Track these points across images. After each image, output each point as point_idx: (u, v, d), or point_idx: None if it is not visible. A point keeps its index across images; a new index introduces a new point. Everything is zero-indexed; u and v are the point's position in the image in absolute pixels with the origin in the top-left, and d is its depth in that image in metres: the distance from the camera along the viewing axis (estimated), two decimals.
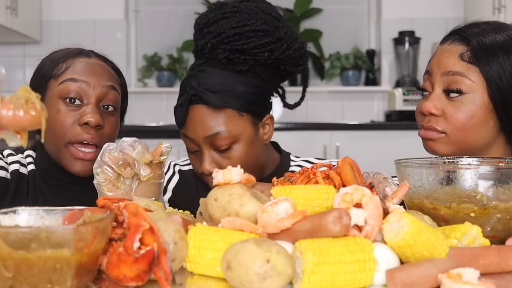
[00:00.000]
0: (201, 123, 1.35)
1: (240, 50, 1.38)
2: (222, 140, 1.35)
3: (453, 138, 1.27)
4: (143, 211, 0.76)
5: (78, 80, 1.33)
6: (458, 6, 4.09)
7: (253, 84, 1.39)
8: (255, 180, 0.88)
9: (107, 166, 1.09)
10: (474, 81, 1.25)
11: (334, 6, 4.30)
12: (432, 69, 1.32)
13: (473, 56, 1.25)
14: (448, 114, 1.27)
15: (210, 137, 1.35)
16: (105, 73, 1.39)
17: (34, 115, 0.75)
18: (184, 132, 1.39)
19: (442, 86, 1.29)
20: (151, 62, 4.23)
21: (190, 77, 1.40)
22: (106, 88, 1.36)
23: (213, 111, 1.35)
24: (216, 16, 1.42)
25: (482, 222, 0.93)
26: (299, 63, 1.48)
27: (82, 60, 1.38)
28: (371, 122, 4.00)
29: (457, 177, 0.96)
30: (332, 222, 0.74)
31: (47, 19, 4.13)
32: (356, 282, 0.73)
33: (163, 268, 0.72)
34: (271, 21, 1.43)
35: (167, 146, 1.14)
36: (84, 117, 1.31)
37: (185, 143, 1.41)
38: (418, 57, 4.05)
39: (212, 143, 1.35)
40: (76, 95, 1.33)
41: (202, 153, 1.37)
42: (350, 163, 0.95)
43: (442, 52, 1.32)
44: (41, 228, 0.68)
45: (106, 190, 1.10)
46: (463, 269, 0.71)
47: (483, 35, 1.27)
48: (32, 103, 0.75)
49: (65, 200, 1.33)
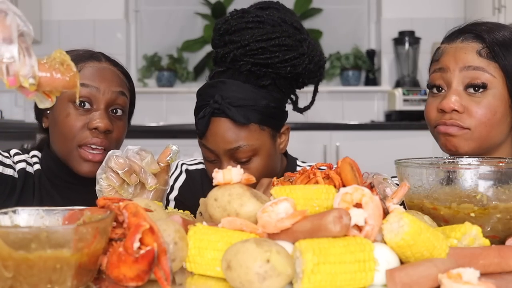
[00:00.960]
0: (223, 136, 1.37)
1: (264, 64, 1.39)
2: (243, 153, 1.37)
3: (477, 134, 1.25)
4: (143, 211, 0.76)
5: (89, 86, 1.35)
6: (458, 6, 4.10)
7: (274, 98, 1.41)
8: (255, 180, 0.88)
9: (112, 173, 1.09)
10: (495, 76, 1.24)
11: (334, 6, 4.30)
12: (448, 65, 1.28)
13: (490, 52, 1.24)
14: (471, 110, 1.25)
15: (231, 150, 1.36)
16: (115, 78, 1.41)
17: (70, 76, 0.78)
18: (204, 142, 1.40)
19: (462, 82, 1.26)
20: (151, 62, 4.23)
21: (211, 87, 1.41)
22: (115, 94, 1.38)
23: (235, 126, 1.36)
24: (238, 25, 1.42)
25: (482, 222, 0.93)
26: (317, 75, 1.50)
27: (93, 64, 1.39)
28: (371, 122, 4.00)
29: (457, 177, 0.96)
30: (332, 222, 0.74)
31: (47, 19, 4.13)
32: (356, 282, 0.73)
33: (163, 268, 0.72)
34: (294, 35, 1.43)
35: (175, 149, 1.14)
36: (94, 122, 1.33)
37: (203, 152, 1.42)
38: (418, 57, 4.05)
39: (232, 155, 1.37)
40: (86, 99, 1.35)
41: (221, 164, 1.38)
42: (350, 163, 0.95)
43: (456, 50, 1.29)
44: (41, 228, 0.68)
45: None
46: (463, 269, 0.71)
47: (493, 32, 1.26)
48: (68, 65, 0.78)
49: (70, 200, 1.34)
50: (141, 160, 1.10)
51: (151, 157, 1.11)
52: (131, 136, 3.74)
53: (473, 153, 1.25)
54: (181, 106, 4.23)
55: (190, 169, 1.55)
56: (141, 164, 1.09)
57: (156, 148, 1.34)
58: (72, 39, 4.10)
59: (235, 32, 1.42)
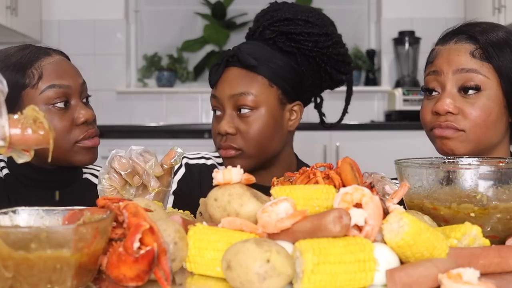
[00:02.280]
0: (230, 82, 1.42)
1: (287, 33, 1.45)
2: (245, 101, 1.40)
3: (472, 135, 1.25)
4: (143, 211, 0.76)
5: (60, 86, 1.35)
6: (458, 6, 4.09)
7: (291, 67, 1.46)
8: (254, 180, 0.88)
9: (114, 173, 1.08)
10: (488, 77, 1.24)
11: (334, 6, 4.30)
12: (442, 68, 1.28)
13: (484, 53, 1.24)
14: (466, 111, 1.25)
15: (235, 96, 1.40)
16: (73, 69, 1.41)
17: (42, 134, 0.76)
18: (214, 92, 1.45)
19: (456, 85, 1.26)
20: (151, 62, 4.23)
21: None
22: (82, 86, 1.40)
23: (245, 74, 1.41)
24: (279, 12, 1.51)
25: (482, 222, 0.93)
26: (341, 70, 1.55)
27: (48, 60, 1.37)
28: (371, 122, 4.00)
29: (457, 177, 0.96)
30: (332, 222, 0.74)
31: (47, 19, 4.13)
32: (356, 282, 0.73)
33: (163, 268, 0.72)
34: (324, 19, 1.51)
35: (180, 151, 1.13)
36: (80, 116, 1.35)
37: (211, 104, 1.46)
38: (418, 57, 4.05)
39: (235, 103, 1.41)
40: (65, 98, 1.35)
41: (223, 113, 1.42)
42: (350, 163, 0.95)
43: (450, 51, 1.29)
44: (41, 228, 0.68)
45: None
46: (463, 269, 0.71)
47: (487, 32, 1.26)
48: (40, 123, 0.76)
49: (44, 199, 1.31)
50: (145, 163, 1.09)
51: (155, 160, 1.10)
52: (131, 136, 3.73)
53: (469, 155, 1.25)
54: (181, 106, 4.23)
55: (190, 163, 1.55)
56: (144, 166, 1.09)
57: (156, 148, 1.35)
58: (72, 39, 4.10)
59: (270, 13, 1.51)
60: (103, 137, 4.18)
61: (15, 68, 1.34)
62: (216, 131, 1.44)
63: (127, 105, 4.20)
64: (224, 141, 1.42)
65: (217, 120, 1.45)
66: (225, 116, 1.42)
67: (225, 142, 1.42)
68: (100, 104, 4.03)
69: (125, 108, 4.19)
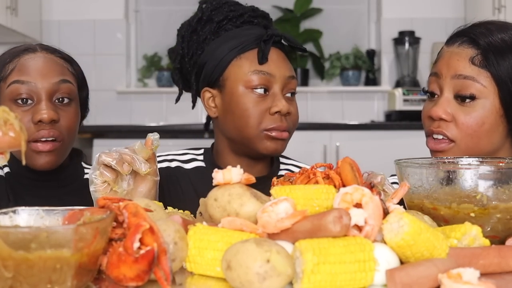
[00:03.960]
0: (284, 62, 1.43)
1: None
2: (294, 85, 1.43)
3: (463, 146, 1.25)
4: (143, 211, 0.76)
5: (25, 82, 1.32)
6: (458, 6, 4.09)
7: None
8: (254, 180, 0.88)
9: (104, 168, 1.09)
10: (485, 86, 1.23)
11: (334, 6, 4.30)
12: (441, 71, 1.28)
13: (484, 60, 1.23)
14: (459, 120, 1.24)
15: (289, 78, 1.42)
16: (53, 66, 1.36)
17: (13, 136, 0.74)
18: (264, 69, 1.40)
19: (452, 90, 1.26)
20: (151, 62, 4.23)
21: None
22: (56, 85, 1.35)
23: (287, 58, 1.45)
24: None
25: (482, 222, 0.93)
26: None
27: (28, 57, 1.36)
28: (371, 122, 4.00)
29: (457, 177, 0.96)
30: (332, 222, 0.74)
31: (47, 19, 4.13)
32: (356, 282, 0.73)
33: (163, 268, 0.72)
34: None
35: (156, 137, 1.14)
36: (37, 114, 1.31)
37: (257, 81, 1.39)
38: (418, 57, 4.05)
39: (286, 85, 1.41)
40: (26, 95, 1.33)
41: (274, 95, 1.39)
42: (350, 163, 0.95)
43: (451, 55, 1.28)
44: (41, 228, 0.68)
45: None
46: (463, 269, 0.71)
47: (491, 36, 1.24)
48: (10, 124, 0.74)
49: (41, 199, 1.31)
50: (131, 150, 1.10)
51: (140, 143, 1.12)
52: (131, 136, 3.74)
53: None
54: (181, 106, 4.21)
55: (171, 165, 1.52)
56: (131, 153, 1.09)
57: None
58: (72, 39, 4.10)
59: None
60: (103, 137, 4.16)
61: (0, 62, 1.36)
62: (276, 109, 1.39)
63: (127, 105, 4.20)
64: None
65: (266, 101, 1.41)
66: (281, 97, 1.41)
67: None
68: (100, 104, 4.04)
69: (125, 108, 4.19)
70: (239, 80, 1.39)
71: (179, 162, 1.51)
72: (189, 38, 1.50)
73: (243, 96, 1.39)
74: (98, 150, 3.47)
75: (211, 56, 1.43)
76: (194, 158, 1.53)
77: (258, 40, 1.40)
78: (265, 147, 1.38)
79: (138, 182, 1.13)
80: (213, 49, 1.44)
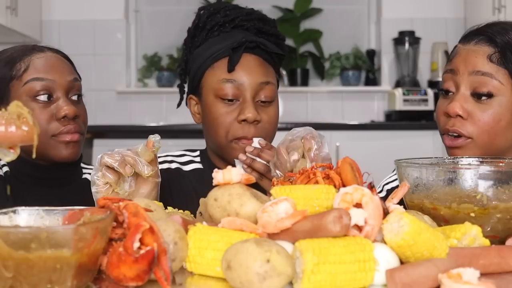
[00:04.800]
0: (255, 69, 1.40)
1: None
2: (269, 92, 1.40)
3: (480, 142, 1.25)
4: (143, 211, 0.76)
5: (44, 79, 1.35)
6: (458, 6, 4.09)
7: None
8: (254, 180, 0.88)
9: (106, 169, 1.09)
10: (503, 83, 1.24)
11: (334, 6, 4.30)
12: (458, 68, 1.28)
13: (502, 58, 1.23)
14: (475, 117, 1.25)
15: (262, 85, 1.39)
16: (64, 65, 1.41)
17: (26, 130, 0.74)
18: (232, 77, 1.38)
19: (469, 87, 1.26)
20: (151, 62, 4.23)
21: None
22: (71, 82, 1.39)
23: (264, 63, 1.42)
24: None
25: (482, 222, 0.93)
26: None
27: (39, 56, 1.39)
28: (371, 122, 4.00)
29: (457, 177, 0.96)
30: (332, 222, 0.74)
31: (47, 19, 4.13)
32: (356, 282, 0.73)
33: (163, 268, 0.72)
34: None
35: (157, 138, 1.15)
36: (61, 111, 1.35)
37: (226, 90, 1.38)
38: (418, 57, 4.05)
39: (258, 92, 1.39)
40: (46, 92, 1.35)
41: (244, 103, 1.37)
42: (350, 163, 0.95)
43: (468, 52, 1.28)
44: (41, 228, 0.68)
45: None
46: (463, 269, 0.71)
47: (508, 35, 1.25)
48: (24, 118, 0.74)
49: (41, 198, 1.32)
50: (133, 152, 1.11)
51: (143, 145, 1.13)
52: (131, 136, 3.73)
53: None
54: (181, 106, 4.22)
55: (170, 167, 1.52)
56: (133, 155, 1.10)
57: None
58: (72, 39, 4.10)
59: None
60: (103, 137, 4.16)
61: (6, 62, 1.37)
62: (243, 118, 1.37)
63: (127, 105, 4.20)
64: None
65: (234, 110, 1.40)
66: (251, 105, 1.38)
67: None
68: (100, 104, 4.04)
69: (125, 108, 4.19)
70: (210, 89, 1.40)
71: (178, 163, 1.52)
72: (190, 44, 1.51)
73: (214, 105, 1.39)
74: (98, 150, 3.49)
75: (193, 63, 1.45)
76: (191, 160, 1.53)
77: (230, 47, 1.39)
78: (235, 156, 1.36)
79: (140, 184, 1.13)
80: (195, 57, 1.45)
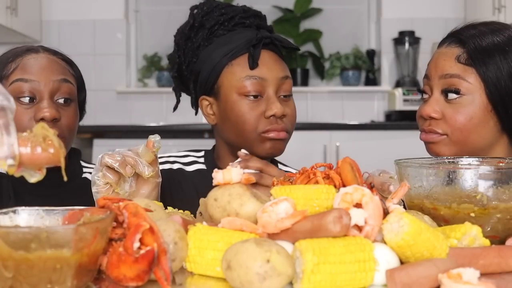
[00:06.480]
0: (275, 64, 1.42)
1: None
2: (289, 85, 1.43)
3: (454, 139, 1.29)
4: (143, 211, 0.76)
5: (28, 80, 1.35)
6: (458, 6, 4.09)
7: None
8: (254, 179, 0.88)
9: (107, 169, 1.09)
10: (471, 82, 1.27)
11: (334, 6, 4.30)
12: (430, 72, 1.34)
13: (469, 58, 1.27)
14: (447, 116, 1.29)
15: (283, 79, 1.41)
16: (55, 66, 1.39)
17: (52, 153, 0.74)
18: (255, 74, 1.39)
19: (441, 89, 1.31)
20: (151, 62, 4.23)
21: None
22: (57, 83, 1.37)
23: (281, 58, 1.45)
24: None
25: (482, 222, 0.93)
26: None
27: (30, 56, 1.38)
28: (371, 122, 4.00)
29: (457, 177, 0.96)
30: (332, 222, 0.74)
31: (47, 19, 4.13)
32: (356, 282, 0.73)
33: (163, 268, 0.72)
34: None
35: (157, 139, 1.15)
36: (39, 112, 1.33)
37: (250, 87, 1.39)
38: (418, 57, 4.05)
39: (280, 86, 1.41)
40: (29, 93, 1.35)
41: (268, 98, 1.39)
42: (350, 163, 0.95)
43: (439, 56, 1.33)
44: (41, 228, 0.68)
45: None
46: (463, 269, 0.71)
47: (480, 36, 1.28)
48: (49, 141, 0.74)
49: (41, 197, 1.32)
50: (134, 153, 1.11)
51: (144, 146, 1.12)
52: (131, 136, 3.73)
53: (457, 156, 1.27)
54: (181, 106, 4.22)
55: (173, 167, 1.52)
56: (134, 156, 1.10)
57: None
58: (72, 39, 4.10)
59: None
60: (103, 137, 4.16)
61: (2, 62, 1.38)
62: (271, 113, 1.39)
63: (127, 105, 4.20)
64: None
65: (259, 106, 1.41)
66: (275, 100, 1.40)
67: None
68: (100, 104, 4.04)
69: (125, 108, 4.19)
70: (232, 87, 1.40)
71: (181, 164, 1.52)
72: (184, 46, 1.49)
73: (238, 103, 1.39)
74: (98, 150, 3.49)
75: (204, 64, 1.44)
76: (195, 160, 1.53)
77: (248, 44, 1.39)
78: (265, 149, 1.39)
79: (140, 184, 1.13)
80: (206, 57, 1.44)
